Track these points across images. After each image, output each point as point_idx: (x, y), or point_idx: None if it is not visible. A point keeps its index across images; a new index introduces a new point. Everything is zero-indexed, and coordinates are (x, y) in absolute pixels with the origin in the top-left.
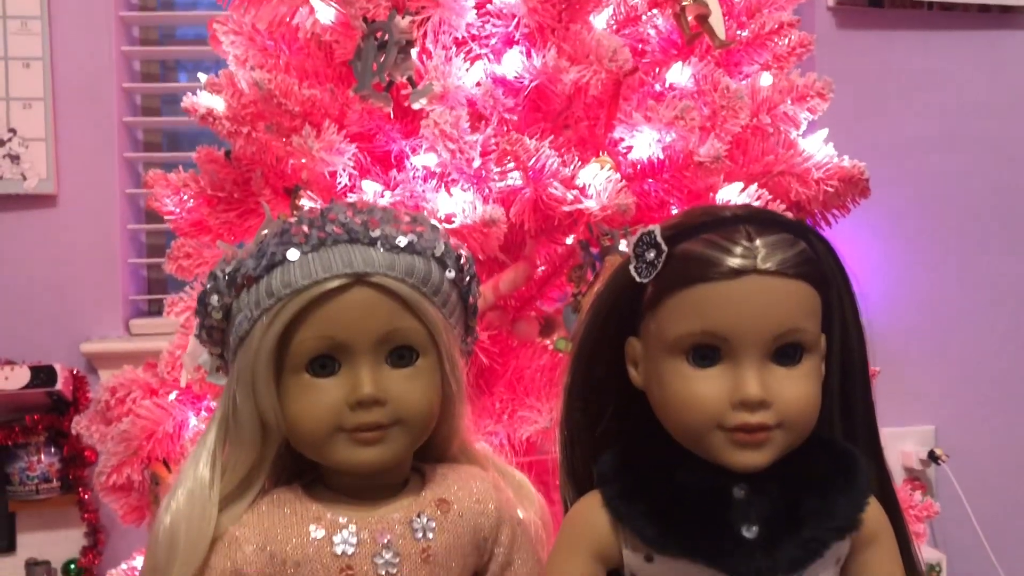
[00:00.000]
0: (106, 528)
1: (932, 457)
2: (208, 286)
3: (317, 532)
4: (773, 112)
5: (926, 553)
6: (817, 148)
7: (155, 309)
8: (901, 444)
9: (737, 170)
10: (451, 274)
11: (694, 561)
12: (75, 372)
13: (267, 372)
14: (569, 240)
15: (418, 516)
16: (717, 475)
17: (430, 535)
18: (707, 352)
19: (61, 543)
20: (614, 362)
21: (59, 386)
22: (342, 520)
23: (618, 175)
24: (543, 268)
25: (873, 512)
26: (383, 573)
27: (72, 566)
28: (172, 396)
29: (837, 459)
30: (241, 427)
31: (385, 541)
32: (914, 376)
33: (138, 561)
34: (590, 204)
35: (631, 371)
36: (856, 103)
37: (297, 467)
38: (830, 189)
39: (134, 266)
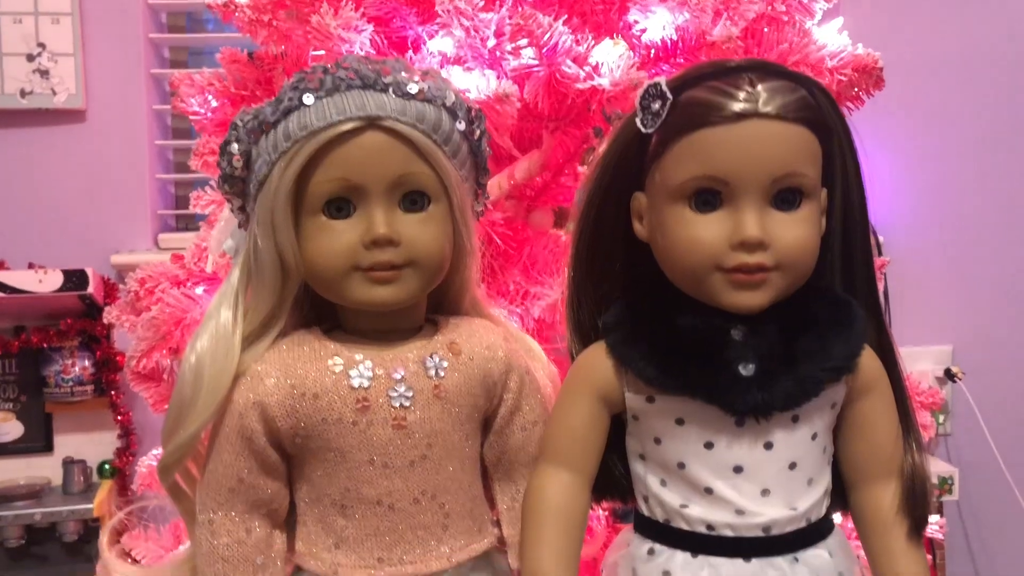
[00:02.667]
0: (138, 430)
1: (948, 375)
2: (229, 135)
3: (335, 366)
4: (787, 1)
5: (939, 468)
6: (831, 37)
7: (183, 225)
8: (918, 363)
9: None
10: (461, 125)
11: (692, 398)
12: (106, 279)
13: (285, 213)
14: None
15: (431, 356)
16: (716, 318)
17: (442, 373)
18: (708, 197)
19: (96, 444)
20: (620, 218)
21: (91, 290)
22: (358, 357)
23: (631, 52)
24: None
25: (870, 362)
26: (397, 406)
27: (106, 466)
28: (200, 290)
29: (835, 306)
30: (262, 269)
31: (399, 376)
32: (932, 296)
33: None
34: (603, 82)
35: (636, 225)
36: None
37: (316, 315)
38: (843, 78)
39: (162, 182)
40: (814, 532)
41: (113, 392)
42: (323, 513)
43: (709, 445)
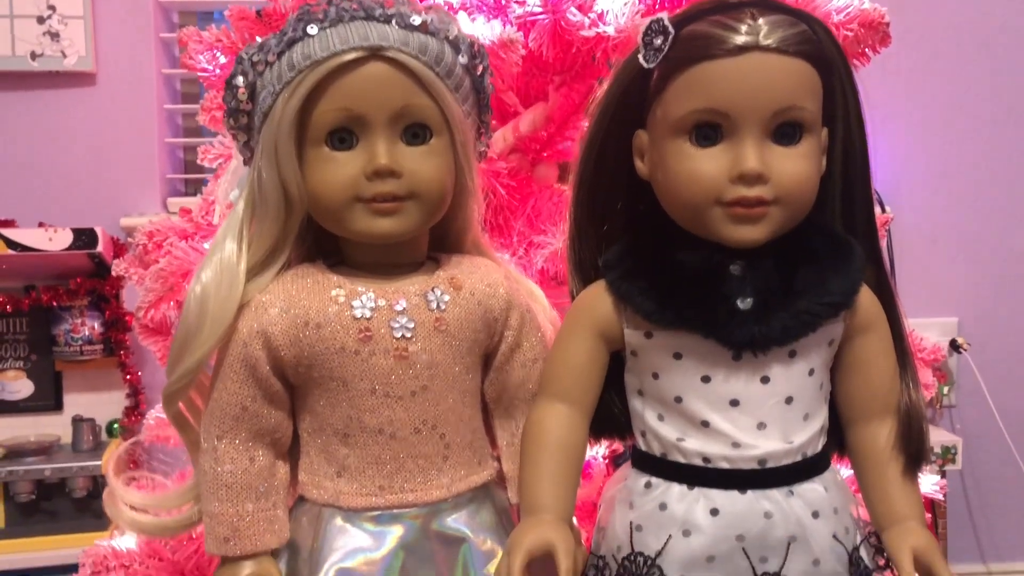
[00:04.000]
0: (147, 391)
1: (954, 346)
2: (235, 69)
3: (338, 297)
4: None
5: (943, 437)
6: None
7: (192, 190)
8: (923, 335)
9: None
10: (463, 59)
11: (690, 332)
12: (115, 239)
13: (288, 142)
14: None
15: (432, 290)
16: (715, 253)
17: (443, 307)
18: (709, 132)
19: (105, 404)
20: (621, 157)
21: (100, 249)
22: (361, 289)
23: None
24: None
25: (868, 301)
26: (399, 336)
27: (115, 425)
28: (207, 245)
29: (834, 243)
30: (266, 200)
31: (401, 308)
32: (938, 268)
33: None
34: (608, 30)
35: (637, 163)
36: None
37: (320, 250)
38: (849, 34)
39: (171, 146)
40: (810, 467)
41: (122, 352)
42: (325, 443)
43: (706, 379)
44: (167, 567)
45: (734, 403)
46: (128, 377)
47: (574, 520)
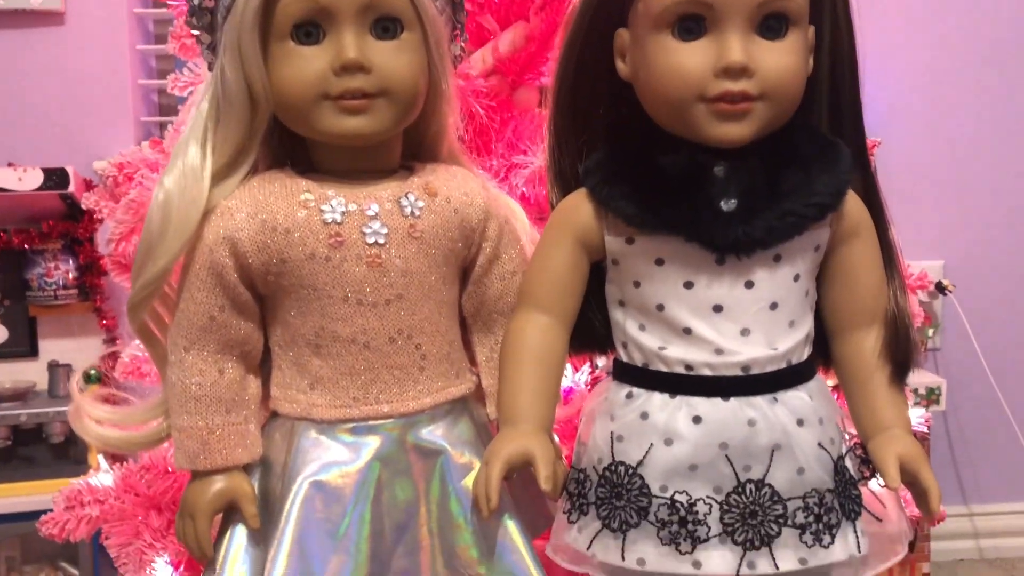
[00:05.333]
0: (123, 337)
1: (939, 288)
2: None
3: (307, 202)
4: None
5: (927, 379)
6: None
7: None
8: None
9: None
10: None
11: (673, 236)
12: (88, 181)
13: (252, 36)
14: None
15: (406, 196)
16: (698, 154)
17: (417, 213)
18: (692, 24)
19: (81, 350)
20: (602, 59)
21: (72, 189)
22: (331, 193)
23: None
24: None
25: (855, 206)
26: (371, 243)
27: (92, 372)
28: None
29: (821, 144)
30: (230, 100)
31: (373, 213)
32: (925, 211)
33: None
34: None
35: (619, 64)
36: None
37: (288, 156)
38: None
39: (145, 89)
40: (794, 374)
41: (98, 296)
42: (297, 355)
43: (689, 285)
44: (143, 502)
45: (717, 309)
46: (104, 322)
47: (555, 437)
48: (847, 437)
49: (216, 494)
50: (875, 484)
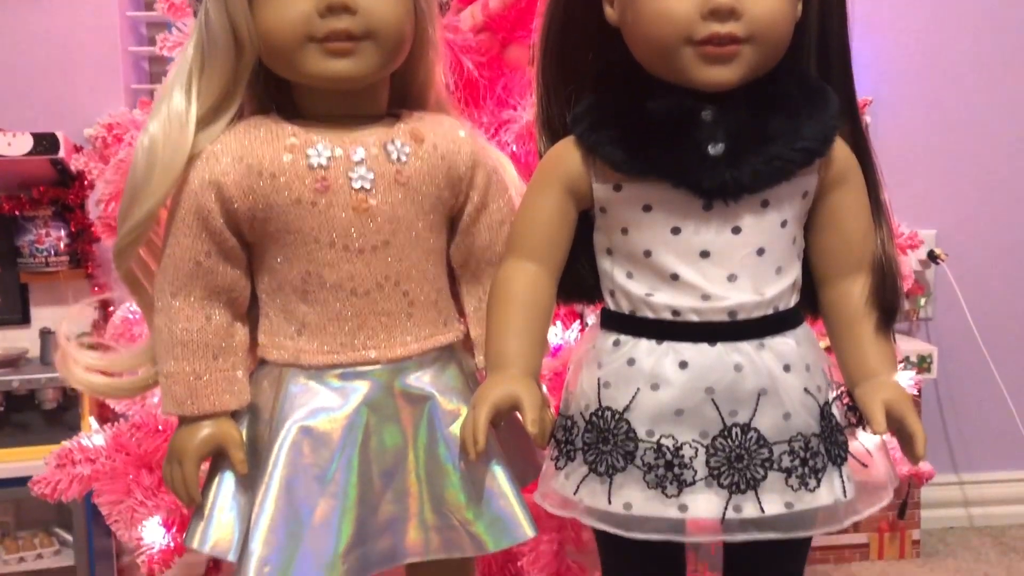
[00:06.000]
0: (115, 304)
1: (931, 257)
2: None
3: (292, 146)
4: None
5: (918, 347)
6: None
7: None
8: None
9: None
10: None
11: (660, 182)
12: (78, 147)
13: None
14: None
15: (392, 141)
16: (686, 99)
17: (404, 159)
18: None
19: (72, 334)
20: (590, 6)
21: (62, 154)
22: (316, 138)
23: None
24: None
25: (842, 153)
26: (357, 187)
27: (84, 339)
28: None
29: (809, 89)
30: (215, 43)
31: (359, 158)
32: (918, 180)
33: None
34: None
35: (607, 9)
36: None
37: (274, 103)
38: None
39: (135, 56)
40: (781, 321)
41: (89, 264)
42: (285, 302)
43: (676, 231)
44: (133, 461)
45: (704, 254)
46: (96, 289)
47: (543, 386)
48: (834, 385)
49: (204, 439)
50: (862, 436)
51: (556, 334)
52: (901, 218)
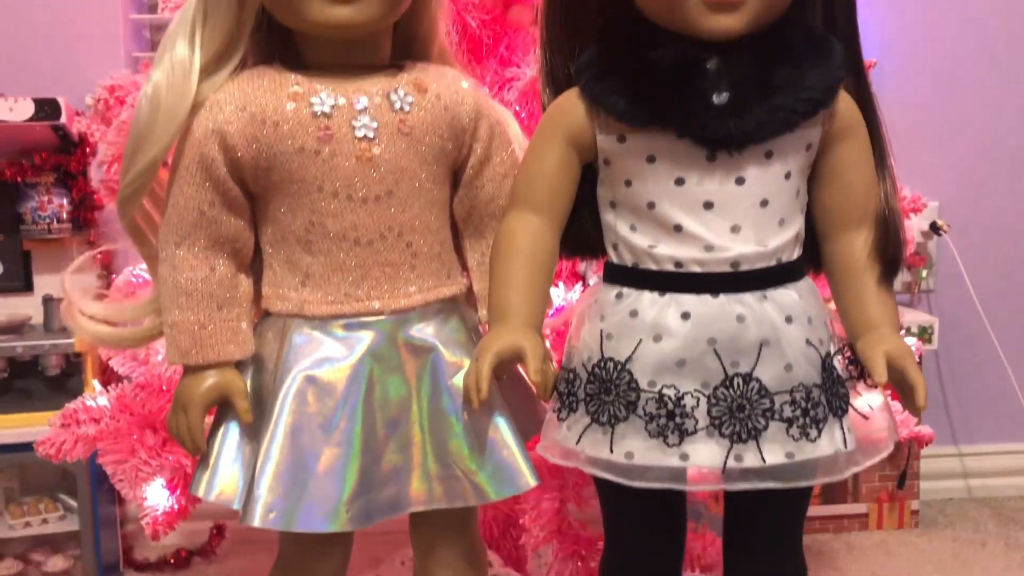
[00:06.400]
0: (118, 271)
1: (934, 228)
2: None
3: (296, 94)
4: None
5: (919, 318)
6: None
7: None
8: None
9: None
10: None
11: (664, 132)
12: (79, 113)
13: None
14: None
15: (395, 91)
16: (690, 49)
17: (407, 108)
18: None
19: (76, 285)
20: None
21: (63, 120)
22: (319, 86)
23: None
24: None
25: (847, 106)
26: (360, 136)
27: None
28: None
29: (814, 40)
30: None
31: (362, 107)
32: (920, 152)
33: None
34: None
35: None
36: None
37: (277, 53)
38: None
39: (136, 24)
40: (784, 273)
41: (92, 231)
42: (289, 253)
43: (680, 182)
44: (137, 421)
45: (708, 205)
46: (99, 257)
47: (546, 341)
48: (836, 339)
49: (208, 389)
50: (864, 395)
51: (558, 295)
52: (902, 190)
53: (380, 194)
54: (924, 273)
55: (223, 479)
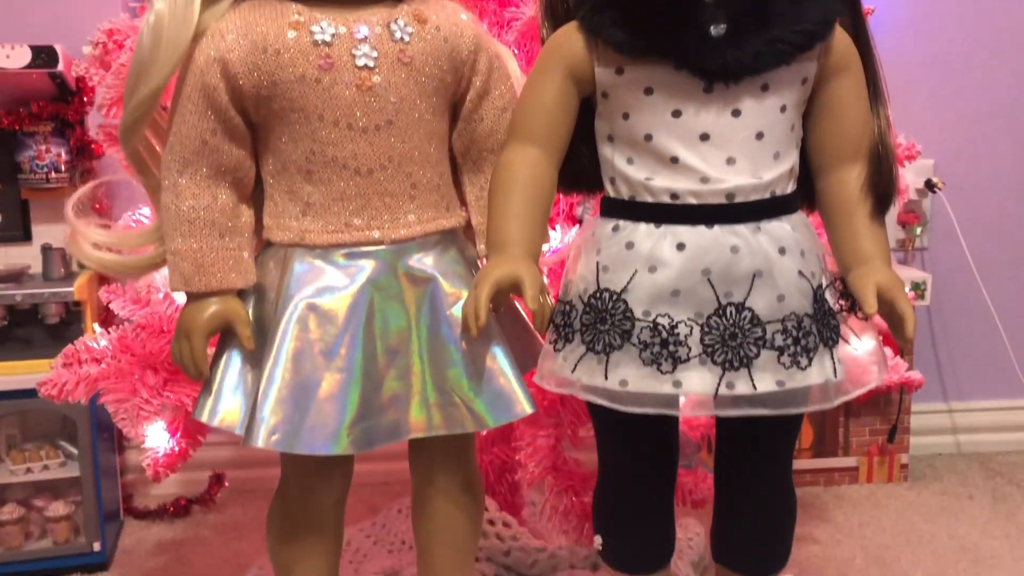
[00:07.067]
0: (117, 220)
1: (929, 186)
2: None
3: (297, 23)
4: None
5: (913, 274)
6: None
7: None
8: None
9: None
10: None
11: (662, 63)
12: (77, 61)
13: None
14: None
15: (395, 21)
16: None
17: (407, 38)
18: None
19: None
20: None
21: (60, 68)
22: (320, 15)
23: None
24: None
25: (843, 42)
26: (361, 65)
27: None
28: None
29: None
30: None
31: (362, 36)
32: (916, 110)
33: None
34: None
35: None
36: None
37: None
38: None
39: None
40: (778, 205)
41: (90, 181)
42: (290, 182)
43: (677, 113)
44: (138, 361)
45: (704, 137)
46: (97, 207)
47: (545, 279)
48: (828, 273)
49: (211, 316)
50: (854, 342)
51: (555, 237)
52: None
53: (380, 123)
54: (918, 230)
55: (226, 405)
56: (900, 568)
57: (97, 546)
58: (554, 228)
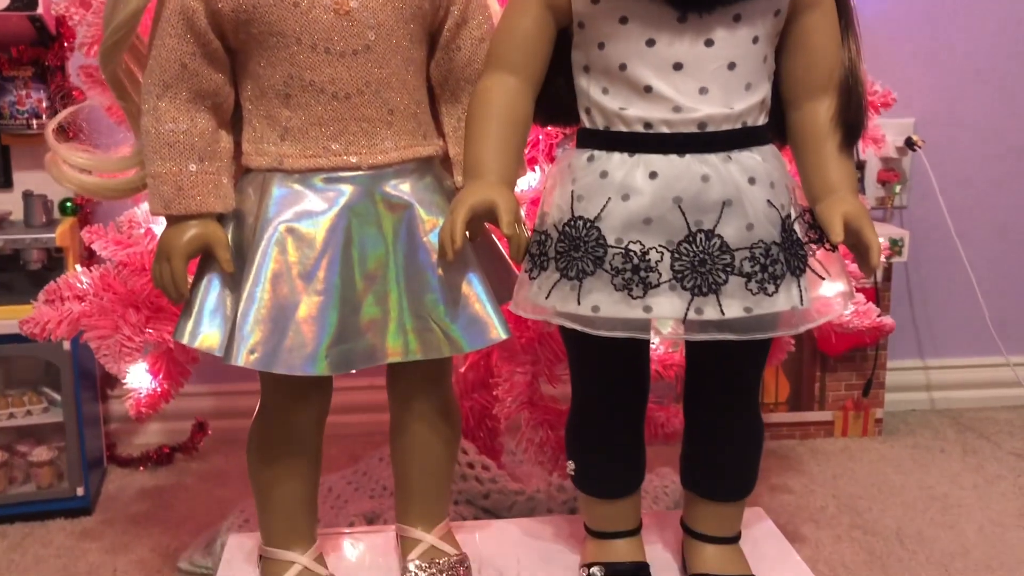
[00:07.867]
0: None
1: (908, 144)
2: None
3: None
4: None
5: (890, 231)
6: None
7: None
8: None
9: None
10: None
11: None
12: (56, 1)
13: None
14: None
15: None
16: None
17: None
18: None
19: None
20: None
21: (40, 11)
22: None
23: None
24: None
25: None
26: None
27: (68, 203)
28: None
29: None
30: None
31: None
32: (896, 68)
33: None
34: None
35: None
36: None
37: None
38: None
39: None
40: (749, 136)
41: (71, 127)
42: (268, 108)
43: (651, 43)
44: (120, 299)
45: (677, 67)
46: (78, 135)
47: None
48: (797, 205)
49: (191, 238)
50: (827, 286)
51: (534, 179)
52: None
53: (357, 48)
54: (897, 188)
55: (206, 328)
56: (871, 516)
57: (80, 491)
58: (534, 169)
